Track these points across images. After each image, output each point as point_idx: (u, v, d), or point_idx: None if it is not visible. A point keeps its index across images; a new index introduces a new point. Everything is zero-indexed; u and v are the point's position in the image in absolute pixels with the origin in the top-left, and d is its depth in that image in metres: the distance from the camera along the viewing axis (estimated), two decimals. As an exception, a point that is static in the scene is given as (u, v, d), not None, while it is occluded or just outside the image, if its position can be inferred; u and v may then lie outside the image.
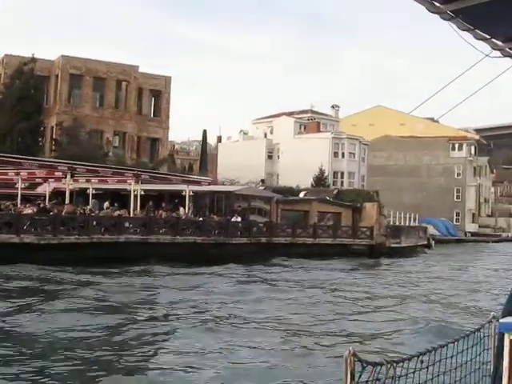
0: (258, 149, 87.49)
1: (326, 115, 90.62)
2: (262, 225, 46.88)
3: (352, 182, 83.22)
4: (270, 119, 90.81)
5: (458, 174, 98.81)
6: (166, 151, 73.97)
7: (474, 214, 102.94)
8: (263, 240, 46.63)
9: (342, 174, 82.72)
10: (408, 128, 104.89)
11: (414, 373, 4.68)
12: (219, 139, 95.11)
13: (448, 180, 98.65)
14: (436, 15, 5.01)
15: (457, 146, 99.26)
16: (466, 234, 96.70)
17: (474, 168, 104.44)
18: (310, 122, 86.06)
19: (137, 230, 40.41)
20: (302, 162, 78.55)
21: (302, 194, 54.52)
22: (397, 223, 66.40)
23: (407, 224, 67.08)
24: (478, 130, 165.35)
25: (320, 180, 77.99)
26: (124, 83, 69.40)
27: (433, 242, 68.31)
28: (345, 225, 53.83)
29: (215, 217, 45.79)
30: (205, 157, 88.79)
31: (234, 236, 45.15)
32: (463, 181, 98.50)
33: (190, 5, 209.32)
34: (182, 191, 45.74)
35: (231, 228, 45.10)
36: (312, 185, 77.11)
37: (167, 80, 73.32)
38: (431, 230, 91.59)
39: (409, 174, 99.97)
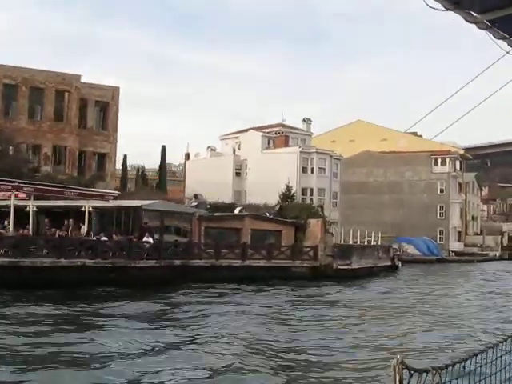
0: (226, 166, 79.78)
1: (297, 129, 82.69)
2: (173, 245, 38.89)
3: (322, 199, 75.05)
4: (237, 134, 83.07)
5: (442, 191, 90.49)
6: (113, 167, 66.21)
7: (459, 233, 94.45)
8: (177, 263, 38.72)
9: (312, 190, 74.54)
10: (390, 143, 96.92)
11: (457, 379, 4.89)
12: (187, 156, 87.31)
13: (431, 197, 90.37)
14: (472, 25, 5.29)
15: (439, 160, 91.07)
16: (449, 254, 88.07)
17: (460, 184, 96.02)
18: (278, 136, 78.16)
19: (8, 252, 32.71)
20: (270, 178, 70.81)
21: (237, 210, 46.63)
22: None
23: (373, 243, 58.85)
24: (474, 148, 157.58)
25: (287, 197, 69.94)
26: (65, 94, 61.85)
27: (399, 262, 59.80)
28: (286, 244, 45.71)
29: (114, 236, 37.88)
30: (163, 174, 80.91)
31: (139, 258, 37.25)
32: (447, 197, 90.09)
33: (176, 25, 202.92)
34: (82, 207, 38.01)
35: (134, 249, 37.18)
36: (278, 202, 69.43)
37: (115, 91, 65.82)
38: (411, 249, 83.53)
39: (390, 190, 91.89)
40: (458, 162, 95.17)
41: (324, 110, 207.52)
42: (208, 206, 48.59)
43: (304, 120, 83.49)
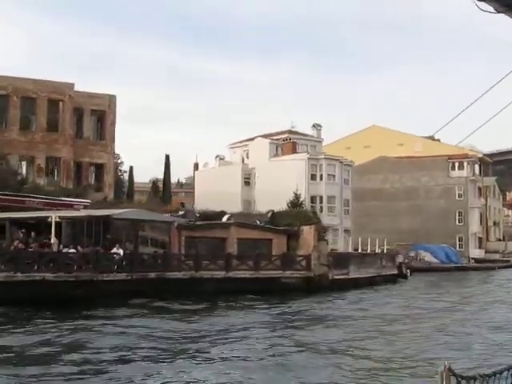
0: (235, 175, 76.33)
1: (306, 135, 79.00)
2: (149, 256, 35.55)
3: (332, 206, 71.27)
4: (246, 143, 79.62)
5: (460, 195, 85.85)
6: (111, 177, 63.16)
7: (480, 239, 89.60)
8: (152, 275, 35.33)
9: (321, 198, 70.73)
10: (406, 148, 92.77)
11: None
12: (196, 166, 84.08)
13: (448, 202, 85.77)
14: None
15: (457, 164, 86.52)
16: (469, 261, 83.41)
17: (479, 188, 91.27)
18: (286, 143, 74.60)
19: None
20: (279, 186, 67.33)
21: (225, 218, 43.13)
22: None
23: (378, 251, 54.90)
24: (500, 153, 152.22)
25: (295, 205, 66.26)
26: (59, 103, 59.07)
27: (408, 271, 55.65)
28: (277, 253, 42.09)
29: (80, 248, 34.63)
30: (167, 185, 77.67)
31: (109, 271, 33.97)
32: (465, 202, 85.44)
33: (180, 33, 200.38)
34: (48, 217, 34.89)
35: (102, 261, 33.90)
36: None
37: (112, 99, 62.89)
38: (428, 257, 79.25)
39: (406, 196, 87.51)
40: (476, 166, 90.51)
41: (347, 118, 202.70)
42: (197, 215, 45.14)
43: (314, 126, 79.81)
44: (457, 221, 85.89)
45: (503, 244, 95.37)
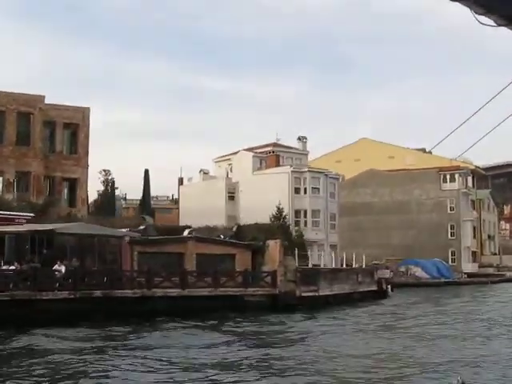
0: (219, 189, 73.78)
1: (291, 148, 76.46)
2: (96, 273, 32.93)
3: (317, 221, 68.55)
4: (230, 156, 77.12)
5: (452, 208, 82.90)
6: (85, 192, 60.70)
7: (474, 253, 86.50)
8: (97, 294, 32.69)
9: (306, 212, 68.04)
10: (397, 161, 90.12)
11: None
12: (181, 181, 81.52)
13: (440, 215, 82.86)
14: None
15: (448, 177, 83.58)
16: (462, 275, 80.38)
17: (473, 201, 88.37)
18: (269, 156, 72.08)
19: None
20: (263, 200, 64.91)
21: (186, 232, 40.48)
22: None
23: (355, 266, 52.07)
24: (498, 167, 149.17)
25: (278, 220, 63.77)
26: (30, 116, 56.78)
27: (389, 287, 52.69)
28: (241, 270, 39.43)
29: (16, 264, 32.07)
30: (147, 200, 75.05)
31: (50, 290, 31.42)
32: (457, 215, 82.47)
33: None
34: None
35: (41, 278, 31.34)
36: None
37: (85, 112, 60.54)
38: (419, 272, 76.34)
39: (397, 210, 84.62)
40: (469, 179, 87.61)
41: (343, 132, 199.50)
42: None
43: (299, 138, 77.31)
44: (449, 234, 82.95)
45: (498, 258, 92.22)
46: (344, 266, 61.13)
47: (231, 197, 73.57)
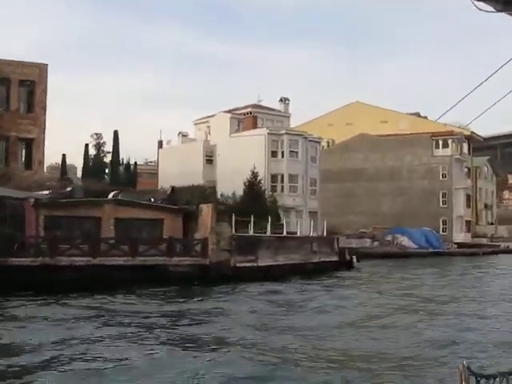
0: (197, 152, 69.22)
1: (273, 110, 71.55)
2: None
3: (295, 186, 63.79)
4: (209, 118, 72.43)
5: (444, 175, 77.64)
6: (41, 154, 56.43)
7: (469, 222, 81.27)
8: (-15, 262, 28.42)
9: (282, 176, 63.30)
10: (391, 125, 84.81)
11: None
12: (160, 144, 76.96)
13: (432, 183, 77.71)
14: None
15: (441, 142, 78.18)
16: (452, 246, 75.41)
17: (469, 169, 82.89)
18: (246, 117, 67.29)
19: None
20: (239, 164, 60.42)
21: (111, 195, 36.01)
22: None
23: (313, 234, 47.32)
24: (505, 136, 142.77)
25: (252, 185, 59.31)
26: (-20, 72, 52.46)
27: (354, 257, 47.87)
28: (168, 236, 34.96)
29: None
30: (115, 163, 70.64)
31: None
32: (449, 183, 77.22)
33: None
34: None
35: None
36: (244, 191, 58.88)
37: (42, 69, 55.93)
38: (406, 241, 71.48)
39: (388, 177, 79.65)
40: (465, 145, 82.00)
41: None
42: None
43: (281, 100, 72.43)
44: (441, 202, 77.87)
45: (493, 228, 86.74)
46: (324, 233, 56.92)
47: (209, 160, 69.02)
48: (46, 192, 35.91)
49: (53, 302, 25.34)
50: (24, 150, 56.81)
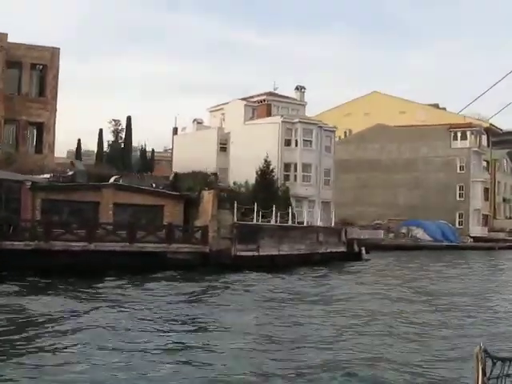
0: (211, 140, 68.49)
1: (288, 98, 70.41)
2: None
3: (308, 175, 62.79)
4: (224, 106, 71.57)
5: (461, 168, 76.16)
6: (52, 138, 55.92)
7: (486, 216, 79.71)
8: (-21, 245, 27.96)
9: (296, 165, 62.36)
10: (408, 116, 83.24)
11: None
12: (175, 131, 76.27)
13: (449, 175, 76.26)
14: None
15: (459, 134, 76.59)
16: (468, 240, 73.95)
17: (487, 162, 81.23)
18: (260, 105, 66.33)
19: None
20: (253, 152, 59.58)
21: (112, 179, 35.34)
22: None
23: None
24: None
25: (265, 174, 58.32)
26: (-9, 55, 51.89)
27: (363, 249, 46.85)
28: (168, 223, 34.30)
29: None
30: (128, 149, 70.05)
31: None
32: (467, 176, 75.70)
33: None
34: None
35: None
36: (256, 180, 57.92)
37: (54, 52, 55.30)
38: (421, 234, 70.21)
39: (404, 168, 78.28)
40: (484, 138, 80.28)
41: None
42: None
43: (297, 88, 71.12)
44: (457, 195, 76.37)
45: (511, 222, 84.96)
46: (333, 224, 56.04)
47: (223, 148, 68.23)
48: (48, 176, 35.32)
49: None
50: (35, 134, 56.49)
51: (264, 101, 66.99)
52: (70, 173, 36.43)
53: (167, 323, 18.60)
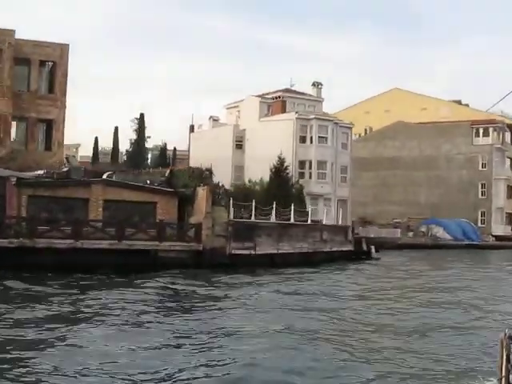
0: (227, 137, 67.22)
1: (304, 94, 68.69)
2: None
3: (323, 173, 61.07)
4: (239, 103, 70.23)
5: (484, 165, 73.73)
6: (61, 135, 55.03)
7: (509, 214, 77.11)
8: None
9: (311, 163, 60.72)
10: (430, 113, 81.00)
11: None
12: (192, 128, 75.09)
13: (471, 173, 73.92)
14: None
15: (482, 131, 74.15)
16: (491, 239, 71.53)
17: (511, 159, 78.58)
18: (275, 102, 64.79)
19: None
20: (267, 149, 58.27)
21: (105, 175, 34.15)
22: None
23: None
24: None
25: (279, 171, 56.84)
26: (-3, 52, 51.09)
27: (372, 247, 45.00)
28: (160, 220, 32.99)
29: None
30: (142, 145, 69.00)
31: None
32: (489, 173, 73.24)
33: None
34: None
35: None
36: (270, 177, 56.48)
37: (63, 49, 54.32)
38: (441, 233, 68.04)
39: (425, 166, 76.04)
40: (507, 134, 77.68)
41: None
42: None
43: (314, 84, 69.35)
44: (480, 193, 73.94)
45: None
46: (348, 222, 54.58)
47: (239, 145, 66.86)
48: (41, 172, 34.25)
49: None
50: (46, 132, 55.68)
51: (279, 97, 65.44)
52: (65, 169, 35.32)
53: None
